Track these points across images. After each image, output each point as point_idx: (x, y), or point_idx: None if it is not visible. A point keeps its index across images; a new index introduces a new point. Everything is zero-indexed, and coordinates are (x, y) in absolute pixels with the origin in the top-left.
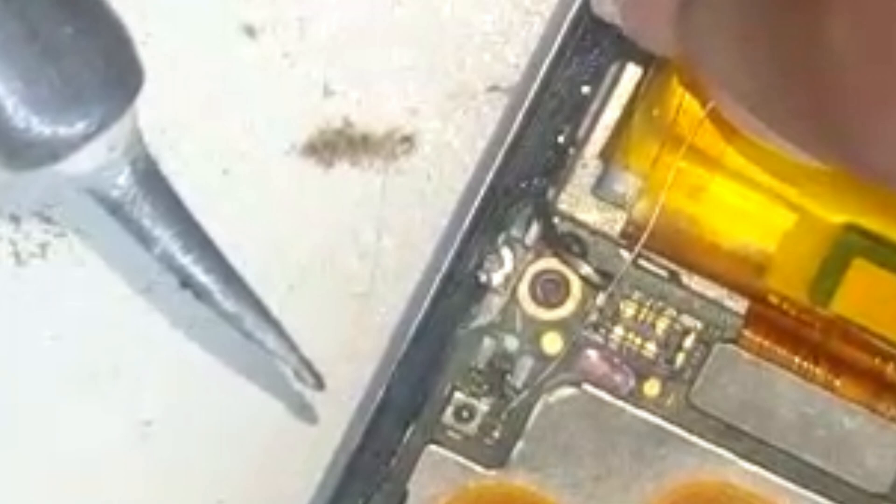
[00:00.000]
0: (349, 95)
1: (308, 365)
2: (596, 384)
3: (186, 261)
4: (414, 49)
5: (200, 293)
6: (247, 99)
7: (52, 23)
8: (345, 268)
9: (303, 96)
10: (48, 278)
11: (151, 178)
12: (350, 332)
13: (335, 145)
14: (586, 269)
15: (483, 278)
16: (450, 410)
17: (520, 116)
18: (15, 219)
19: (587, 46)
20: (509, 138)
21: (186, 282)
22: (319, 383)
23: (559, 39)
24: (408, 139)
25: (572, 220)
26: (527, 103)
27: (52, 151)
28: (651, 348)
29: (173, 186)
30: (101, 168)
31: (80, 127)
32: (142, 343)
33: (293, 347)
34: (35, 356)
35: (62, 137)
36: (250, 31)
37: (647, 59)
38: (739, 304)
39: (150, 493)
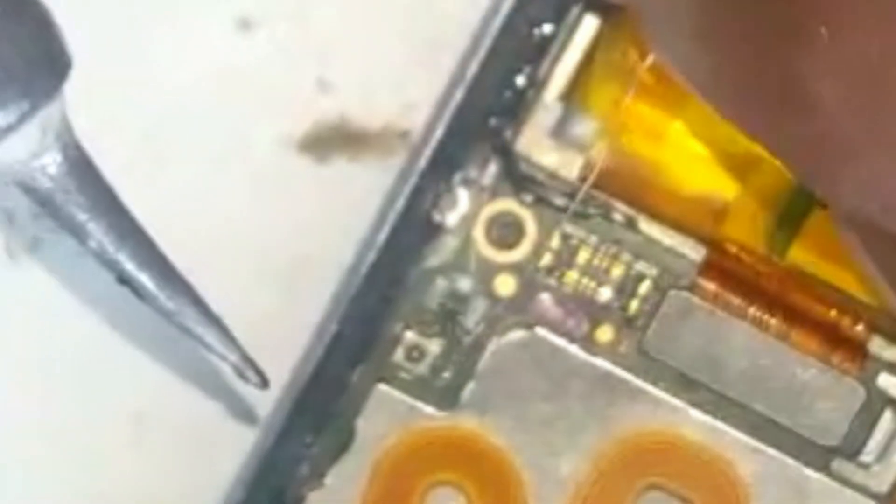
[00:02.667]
0: (345, 90)
1: (251, 363)
2: (548, 328)
3: (121, 255)
4: (410, 43)
5: (137, 288)
6: (241, 93)
7: None
8: (339, 264)
9: (298, 91)
10: (41, 273)
11: (84, 167)
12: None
13: (331, 140)
14: (544, 210)
15: (437, 218)
16: (400, 350)
17: (479, 55)
18: (8, 213)
19: None
20: (468, 77)
21: (122, 277)
22: (263, 382)
23: None
24: (404, 133)
25: (529, 162)
26: (487, 42)
27: None
28: (605, 293)
29: (105, 176)
30: (33, 154)
31: (13, 109)
32: (136, 339)
33: (235, 344)
34: (27, 352)
35: None
36: (245, 25)
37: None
38: (696, 252)
39: (141, 487)
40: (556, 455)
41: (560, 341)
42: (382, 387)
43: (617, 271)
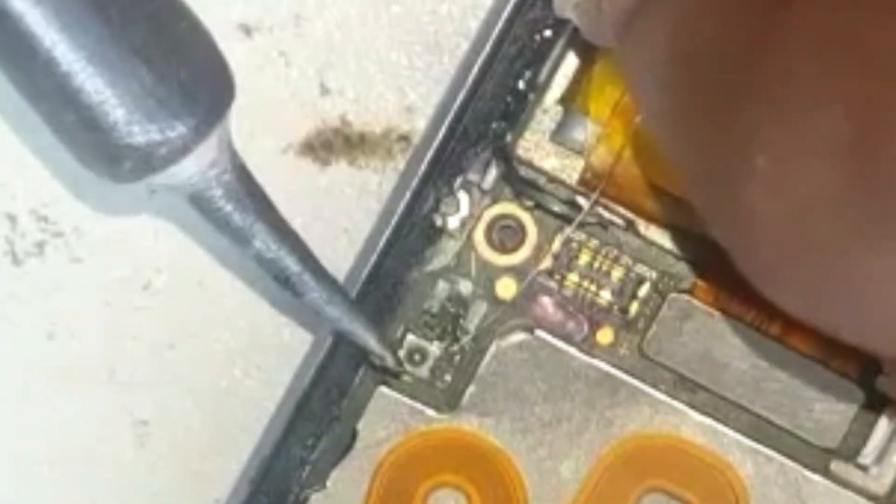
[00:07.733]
0: (346, 94)
1: (392, 350)
2: (549, 330)
3: (283, 254)
4: (411, 47)
5: (296, 284)
6: (243, 98)
7: (174, 20)
8: (340, 268)
9: (299, 95)
10: (45, 277)
11: (246, 174)
12: None
13: (332, 144)
14: (544, 214)
15: (439, 222)
16: (402, 353)
17: (480, 60)
18: (11, 218)
19: None
20: (469, 81)
21: (283, 274)
22: (399, 365)
23: None
24: (405, 138)
25: (530, 166)
26: (488, 47)
27: (185, 145)
28: (605, 296)
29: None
30: (212, 163)
31: (205, 120)
32: (138, 342)
33: (377, 334)
34: (31, 355)
35: (193, 129)
36: (246, 30)
37: None
38: (695, 254)
39: (145, 491)
40: (557, 457)
41: (560, 344)
42: (384, 390)
43: (617, 274)
